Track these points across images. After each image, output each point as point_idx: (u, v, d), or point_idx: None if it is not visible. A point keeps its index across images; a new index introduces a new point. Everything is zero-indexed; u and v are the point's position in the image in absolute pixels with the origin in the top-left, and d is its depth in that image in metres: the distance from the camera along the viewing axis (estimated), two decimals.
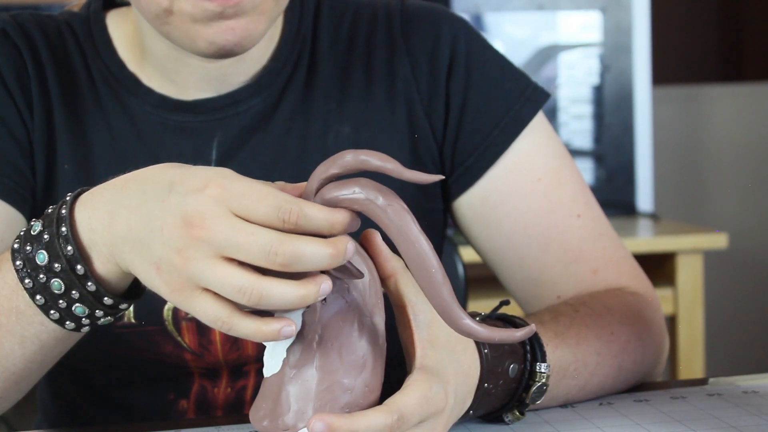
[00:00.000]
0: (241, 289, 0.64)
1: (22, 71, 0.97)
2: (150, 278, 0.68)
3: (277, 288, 0.65)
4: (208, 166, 0.96)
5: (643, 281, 1.02)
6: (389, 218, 0.65)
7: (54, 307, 0.74)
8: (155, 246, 0.67)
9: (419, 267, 0.66)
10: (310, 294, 0.65)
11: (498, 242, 1.01)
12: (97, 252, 0.72)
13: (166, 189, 0.67)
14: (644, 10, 2.53)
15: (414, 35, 1.02)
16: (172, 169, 0.70)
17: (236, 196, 0.65)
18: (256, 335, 0.66)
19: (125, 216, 0.69)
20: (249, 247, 0.64)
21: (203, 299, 0.66)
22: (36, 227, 0.73)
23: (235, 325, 0.66)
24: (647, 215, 2.51)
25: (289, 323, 0.66)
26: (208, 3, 0.86)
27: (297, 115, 0.99)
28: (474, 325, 0.67)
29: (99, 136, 0.97)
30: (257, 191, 0.65)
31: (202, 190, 0.66)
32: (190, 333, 0.96)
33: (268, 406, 0.70)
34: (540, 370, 0.80)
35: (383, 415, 0.67)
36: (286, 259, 0.64)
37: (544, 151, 1.01)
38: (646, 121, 2.54)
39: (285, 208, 0.64)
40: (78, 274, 0.72)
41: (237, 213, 0.65)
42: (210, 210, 0.65)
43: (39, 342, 0.77)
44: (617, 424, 0.83)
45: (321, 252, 0.64)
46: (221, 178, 0.66)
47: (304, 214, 0.65)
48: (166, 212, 0.66)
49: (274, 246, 0.64)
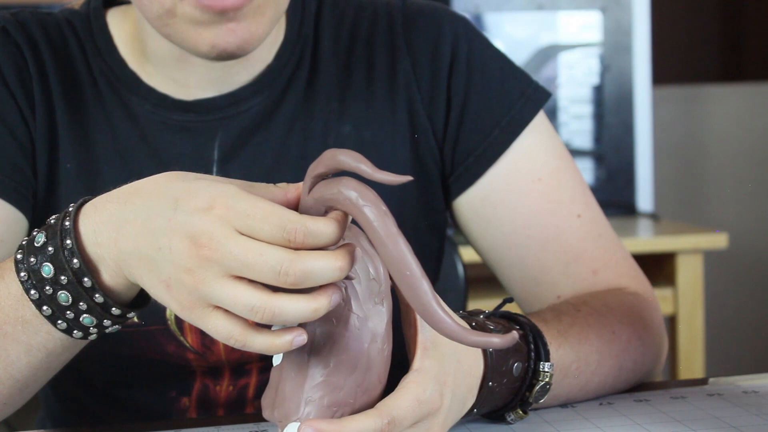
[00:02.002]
0: (253, 309, 0.64)
1: (23, 70, 0.97)
2: (160, 294, 0.68)
3: (289, 304, 0.65)
4: (210, 168, 0.97)
5: (643, 282, 1.02)
6: (367, 219, 0.65)
7: (61, 317, 0.74)
8: (164, 265, 0.66)
9: (397, 268, 0.65)
10: (322, 307, 0.65)
11: (498, 242, 1.01)
12: (104, 266, 0.71)
13: (171, 206, 0.67)
14: (644, 10, 2.53)
15: (415, 34, 1.02)
16: (176, 182, 0.69)
17: (241, 215, 0.65)
18: (270, 349, 0.66)
19: (131, 232, 0.69)
20: (259, 268, 0.64)
21: (215, 317, 0.66)
22: (39, 239, 0.73)
23: (249, 342, 0.66)
24: (647, 215, 2.51)
25: (300, 332, 0.66)
26: (209, 6, 0.85)
27: (298, 115, 0.99)
28: (455, 327, 0.65)
29: (101, 135, 0.97)
30: (262, 210, 0.65)
31: (209, 210, 0.65)
32: (193, 333, 0.96)
33: (271, 395, 0.71)
34: (543, 369, 0.80)
35: (373, 419, 0.67)
36: (297, 278, 0.64)
37: (545, 151, 1.01)
38: (646, 121, 2.54)
39: (290, 228, 0.64)
40: (85, 287, 0.72)
41: (243, 232, 0.65)
42: (217, 230, 0.64)
43: (45, 350, 0.77)
44: (617, 424, 0.83)
45: (330, 266, 0.64)
46: (226, 197, 0.66)
47: (309, 233, 0.64)
48: (173, 231, 0.66)
49: (284, 266, 0.63)
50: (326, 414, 0.68)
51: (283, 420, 0.70)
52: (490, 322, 0.80)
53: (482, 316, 0.81)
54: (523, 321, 0.82)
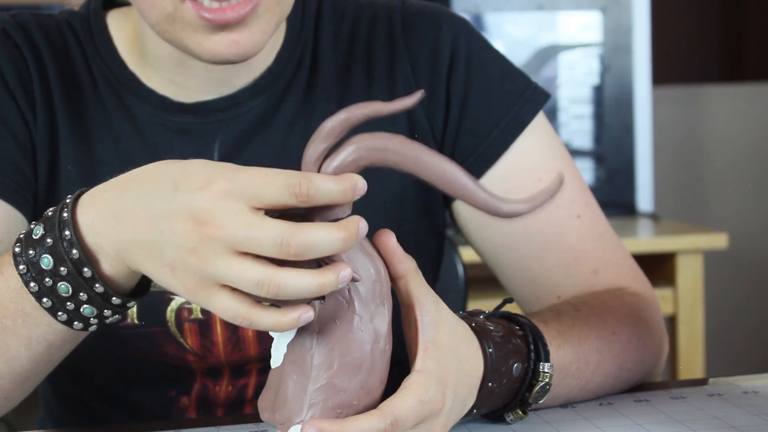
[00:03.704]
0: (258, 283, 0.64)
1: (23, 71, 0.97)
2: (164, 279, 0.68)
3: (294, 278, 0.64)
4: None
5: (643, 282, 1.02)
6: (400, 153, 0.66)
7: (62, 309, 0.74)
8: (167, 248, 0.66)
9: (448, 181, 0.67)
10: (329, 282, 0.65)
11: (498, 242, 1.01)
12: (104, 255, 0.71)
13: (170, 189, 0.67)
14: (644, 10, 2.53)
15: (414, 35, 1.02)
16: (173, 166, 0.69)
17: (243, 185, 0.65)
18: (277, 327, 0.66)
19: (131, 219, 0.68)
20: (261, 241, 0.64)
21: (221, 296, 0.66)
22: (37, 231, 0.73)
23: (255, 320, 0.66)
24: (647, 215, 2.51)
25: (306, 309, 0.66)
26: (210, 20, 0.85)
27: (298, 117, 0.99)
28: (517, 205, 0.69)
29: (101, 136, 0.97)
30: (263, 174, 0.65)
31: (208, 186, 0.65)
32: (193, 334, 0.96)
33: (270, 397, 0.71)
34: (543, 369, 0.80)
35: (376, 420, 0.67)
36: (299, 249, 0.63)
37: (544, 152, 1.01)
38: (646, 121, 2.54)
39: (294, 182, 0.64)
40: (85, 277, 0.72)
41: (248, 202, 0.64)
42: (219, 206, 0.64)
43: (46, 342, 0.77)
44: (617, 424, 0.83)
45: (333, 237, 0.64)
46: (224, 170, 0.66)
47: (314, 186, 0.64)
48: (175, 213, 0.66)
49: (286, 238, 0.63)
50: (330, 416, 0.68)
51: (286, 422, 0.69)
52: (490, 322, 0.80)
53: (482, 317, 0.81)
54: (522, 321, 0.82)
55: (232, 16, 0.85)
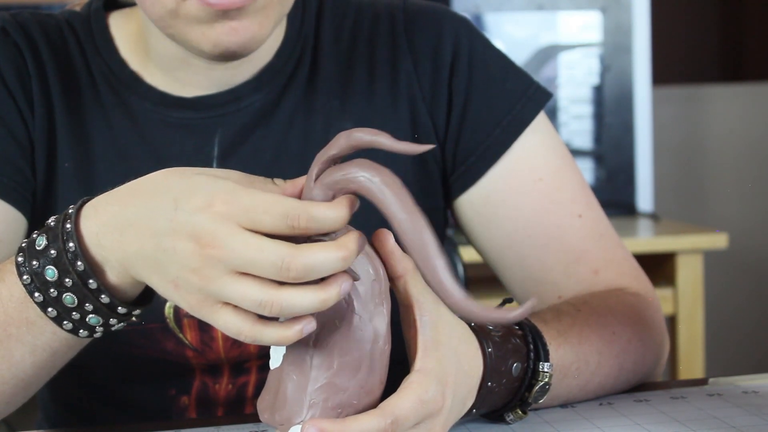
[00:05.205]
0: (261, 304, 0.64)
1: (22, 70, 0.97)
2: (169, 294, 0.68)
3: (296, 297, 0.65)
4: (210, 165, 0.97)
5: (644, 282, 1.02)
6: (385, 196, 0.65)
7: (67, 318, 0.74)
8: (170, 266, 0.67)
9: (415, 243, 0.66)
10: (331, 297, 0.65)
11: (499, 242, 1.01)
12: (110, 267, 0.71)
13: (171, 207, 0.66)
14: (644, 10, 2.53)
15: (416, 34, 1.02)
16: (174, 181, 0.68)
17: (243, 210, 0.65)
18: (281, 341, 0.66)
19: (134, 234, 0.68)
20: (261, 264, 0.64)
21: (224, 313, 0.66)
22: (41, 242, 0.72)
23: (259, 337, 0.66)
24: (647, 215, 2.51)
25: (308, 320, 0.66)
26: (213, 4, 0.85)
27: (298, 113, 0.99)
28: (470, 303, 0.66)
29: (99, 134, 0.97)
30: (263, 202, 0.65)
31: (208, 207, 0.65)
32: (192, 330, 0.96)
33: (269, 398, 0.71)
34: (543, 369, 0.80)
35: (377, 419, 0.67)
36: (299, 273, 0.64)
37: (546, 151, 1.01)
38: (646, 121, 2.54)
39: (292, 214, 0.64)
40: (91, 288, 0.72)
41: (245, 226, 0.64)
42: (219, 228, 0.64)
43: (51, 349, 0.77)
44: (617, 424, 0.83)
45: (332, 257, 0.64)
46: (225, 193, 0.66)
47: (312, 217, 0.64)
48: (176, 232, 0.66)
49: (285, 261, 0.63)
50: (330, 416, 0.68)
51: (286, 423, 0.69)
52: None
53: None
54: (522, 321, 0.82)
55: (234, 0, 0.85)
